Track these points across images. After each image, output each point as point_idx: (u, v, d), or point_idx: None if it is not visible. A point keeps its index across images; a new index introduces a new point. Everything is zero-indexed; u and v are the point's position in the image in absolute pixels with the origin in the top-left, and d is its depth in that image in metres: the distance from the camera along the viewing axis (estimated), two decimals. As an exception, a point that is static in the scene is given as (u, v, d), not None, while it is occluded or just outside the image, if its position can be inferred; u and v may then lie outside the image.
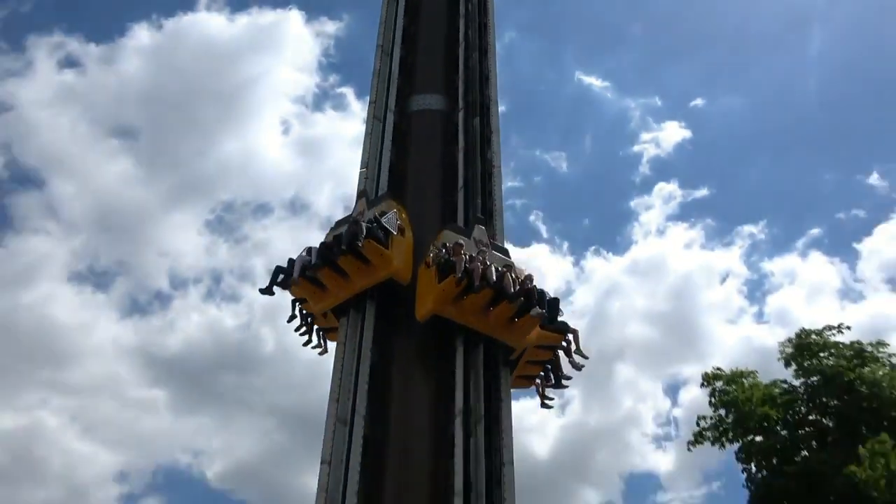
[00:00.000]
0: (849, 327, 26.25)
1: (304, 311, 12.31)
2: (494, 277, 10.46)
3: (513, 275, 10.91)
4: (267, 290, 12.08)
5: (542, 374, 12.04)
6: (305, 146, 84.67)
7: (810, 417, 25.36)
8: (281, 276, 11.90)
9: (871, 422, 22.97)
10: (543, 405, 11.91)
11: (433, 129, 12.92)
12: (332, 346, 11.85)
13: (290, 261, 11.72)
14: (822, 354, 25.57)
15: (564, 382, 11.73)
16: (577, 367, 11.55)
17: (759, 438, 24.98)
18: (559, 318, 11.51)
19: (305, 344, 12.45)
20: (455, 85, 13.05)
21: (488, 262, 10.80)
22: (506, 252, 11.82)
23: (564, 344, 11.50)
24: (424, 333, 10.84)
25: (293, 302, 12.26)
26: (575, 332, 11.61)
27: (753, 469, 25.05)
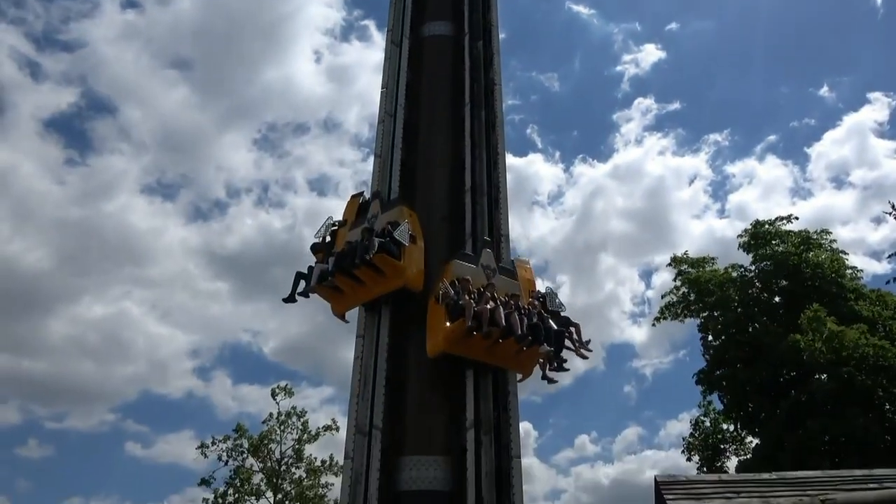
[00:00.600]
0: (797, 218, 27.02)
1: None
2: (503, 321, 10.04)
3: (521, 304, 10.63)
4: (289, 299, 11.93)
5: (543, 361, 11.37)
6: (335, 73, 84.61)
7: (762, 297, 26.96)
8: (301, 283, 11.80)
9: (813, 298, 24.32)
10: (547, 381, 11.18)
11: (443, 52, 13.12)
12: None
13: (310, 267, 11.69)
14: (773, 242, 26.65)
15: (566, 366, 11.05)
16: (583, 357, 11.17)
17: (716, 313, 26.51)
18: (562, 313, 11.31)
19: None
20: (461, 12, 13.28)
21: (496, 296, 10.46)
22: (512, 272, 11.44)
23: (567, 334, 11.02)
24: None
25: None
26: (577, 326, 11.25)
27: (710, 338, 27.07)
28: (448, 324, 9.97)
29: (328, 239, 12.24)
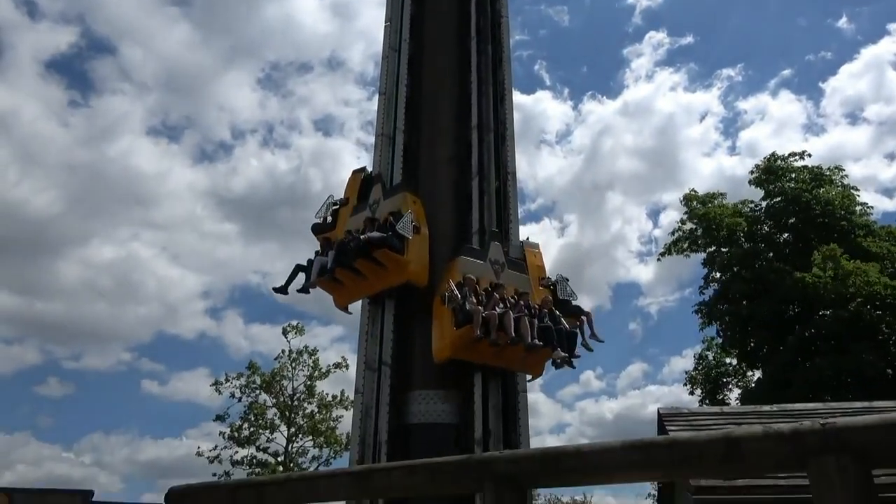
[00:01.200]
0: (809, 154, 26.94)
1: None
2: (512, 330, 9.51)
3: (531, 302, 10.17)
4: (281, 289, 11.59)
5: None
6: (337, 8, 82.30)
7: (770, 233, 26.92)
8: (301, 275, 11.37)
9: (821, 235, 24.43)
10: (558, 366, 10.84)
11: (447, -16, 12.90)
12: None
13: (310, 260, 11.25)
14: (785, 178, 26.79)
15: (576, 353, 10.59)
16: (589, 349, 10.77)
17: (723, 249, 26.88)
18: (574, 303, 10.98)
19: None
20: (466, -59, 12.89)
21: (505, 297, 9.99)
22: (521, 264, 10.94)
23: (578, 323, 10.73)
24: None
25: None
26: (588, 315, 10.97)
27: (717, 275, 27.21)
28: (455, 329, 9.48)
29: (329, 219, 11.92)
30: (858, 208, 25.51)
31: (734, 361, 27.37)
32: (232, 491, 2.96)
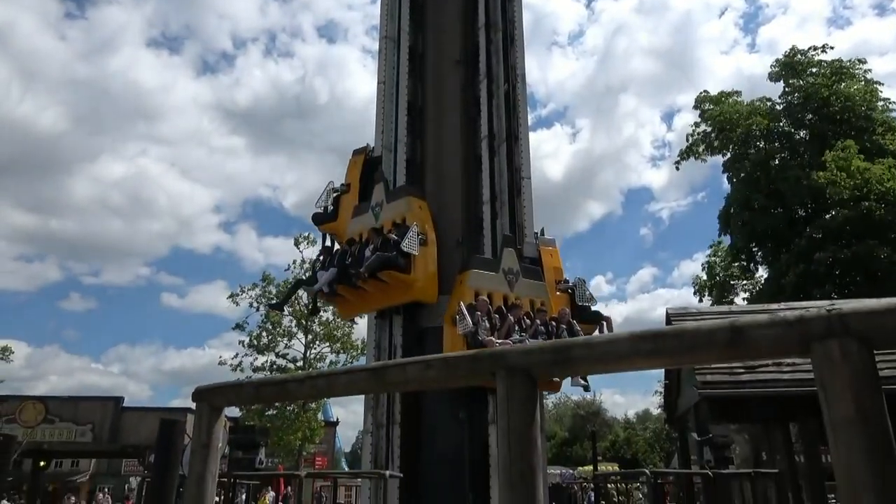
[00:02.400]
0: (832, 47, 26.02)
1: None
2: None
3: (547, 319, 9.65)
4: (276, 306, 11.06)
5: None
6: None
7: (788, 131, 26.35)
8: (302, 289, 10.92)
9: (839, 133, 23.83)
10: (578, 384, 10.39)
11: None
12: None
13: (311, 276, 10.82)
14: (804, 73, 25.91)
15: (585, 384, 10.25)
16: None
17: (740, 152, 26.33)
18: (593, 308, 10.70)
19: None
20: None
21: (520, 319, 9.45)
22: (536, 271, 10.38)
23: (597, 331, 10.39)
24: None
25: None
26: (608, 320, 10.69)
27: (733, 178, 26.83)
28: None
29: (330, 208, 11.55)
30: (880, 104, 24.77)
31: (743, 264, 27.53)
32: (256, 388, 3.09)
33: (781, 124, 25.91)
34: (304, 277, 11.03)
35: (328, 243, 11.78)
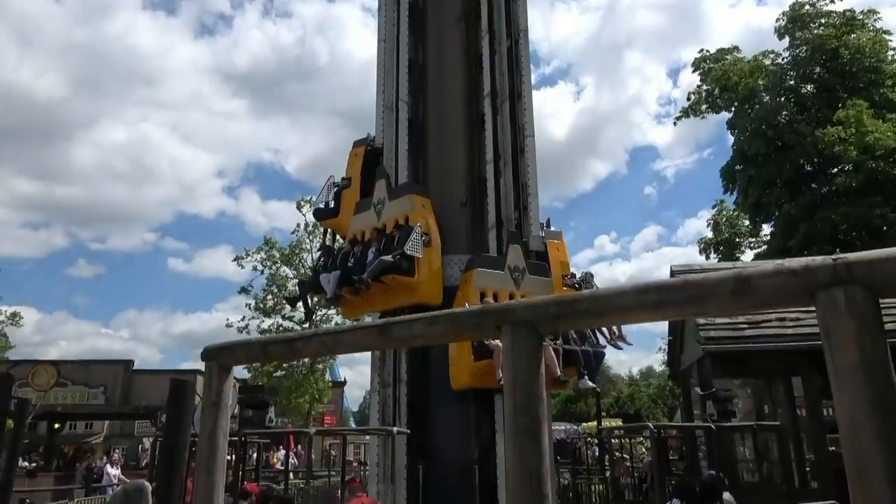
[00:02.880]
0: None
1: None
2: None
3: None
4: (292, 303, 11.72)
5: None
6: None
7: (795, 86, 25.82)
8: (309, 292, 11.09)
9: (848, 87, 23.39)
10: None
11: None
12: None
13: (315, 278, 10.69)
14: (813, 25, 25.37)
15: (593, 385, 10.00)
16: (618, 348, 10.28)
17: (745, 107, 25.93)
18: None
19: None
20: None
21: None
22: (543, 267, 10.19)
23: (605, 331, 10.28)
24: None
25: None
26: (589, 274, 10.66)
27: (737, 134, 26.48)
28: (473, 360, 8.99)
29: (332, 204, 11.42)
30: (890, 54, 24.23)
31: (748, 222, 27.36)
32: (264, 346, 3.13)
33: (788, 78, 25.43)
34: (307, 278, 11.06)
35: (328, 239, 11.88)
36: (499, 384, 7.90)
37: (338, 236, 12.03)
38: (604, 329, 10.20)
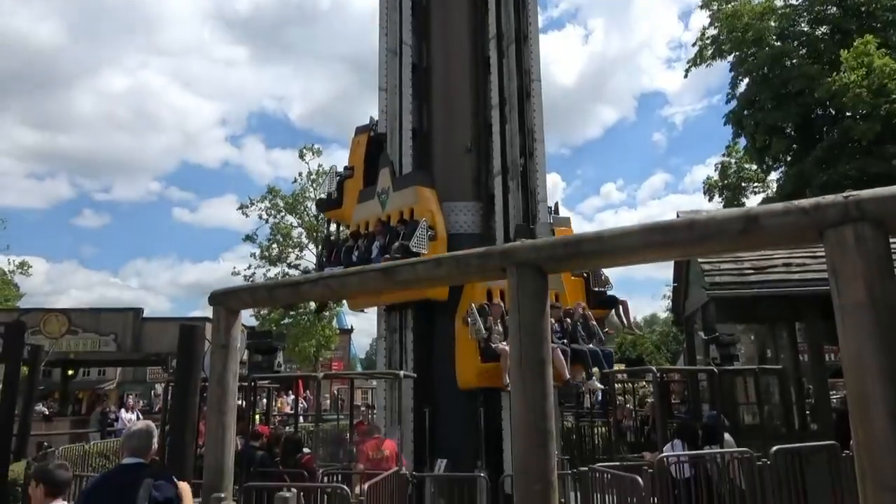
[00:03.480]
0: None
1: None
2: None
3: (562, 314, 9.26)
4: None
5: None
6: None
7: (806, 29, 25.09)
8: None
9: (864, 29, 22.66)
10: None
11: None
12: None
13: (318, 269, 10.49)
14: (830, -39, 24.37)
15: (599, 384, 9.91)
16: (631, 335, 10.20)
17: (752, 50, 25.18)
18: (609, 293, 10.49)
19: None
20: None
21: None
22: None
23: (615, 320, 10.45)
24: None
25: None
26: (624, 304, 10.55)
27: (741, 78, 25.76)
28: (480, 362, 8.87)
29: (335, 194, 11.19)
30: (911, -9, 23.35)
31: (755, 167, 26.97)
32: (270, 290, 3.15)
33: (801, 21, 24.63)
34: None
35: (332, 229, 11.73)
36: (506, 388, 8.05)
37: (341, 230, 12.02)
38: (613, 318, 10.28)
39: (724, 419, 7.89)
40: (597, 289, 10.62)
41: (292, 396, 19.01)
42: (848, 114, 21.46)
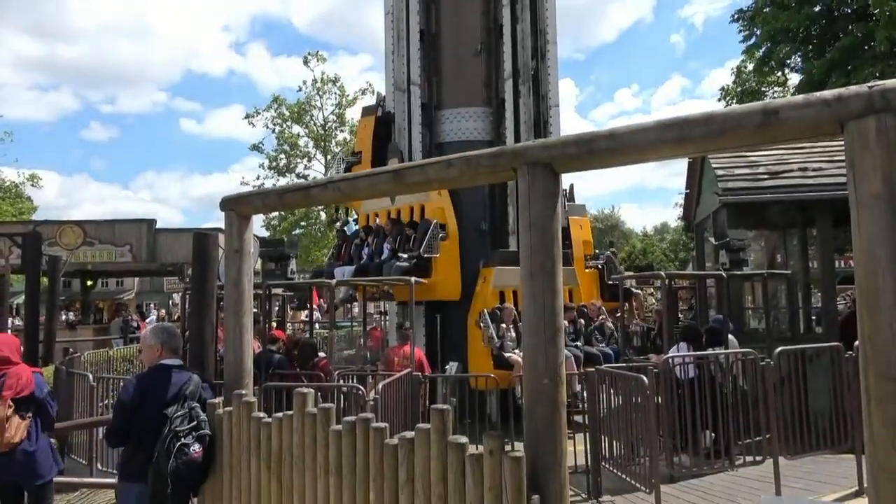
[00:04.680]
0: None
1: None
2: None
3: (575, 315, 9.20)
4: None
5: None
6: None
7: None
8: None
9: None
10: None
11: None
12: None
13: (330, 270, 10.31)
14: None
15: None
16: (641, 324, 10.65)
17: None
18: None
19: None
20: None
21: None
22: (566, 256, 8.51)
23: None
24: None
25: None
26: (637, 297, 11.27)
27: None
28: (494, 367, 8.69)
29: None
30: None
31: (776, 72, 25.87)
32: (280, 194, 3.15)
33: None
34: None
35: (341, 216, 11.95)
36: (518, 402, 7.72)
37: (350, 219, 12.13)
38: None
39: (729, 322, 8.03)
40: (611, 282, 10.66)
41: (307, 311, 19.43)
42: (877, 11, 20.31)
